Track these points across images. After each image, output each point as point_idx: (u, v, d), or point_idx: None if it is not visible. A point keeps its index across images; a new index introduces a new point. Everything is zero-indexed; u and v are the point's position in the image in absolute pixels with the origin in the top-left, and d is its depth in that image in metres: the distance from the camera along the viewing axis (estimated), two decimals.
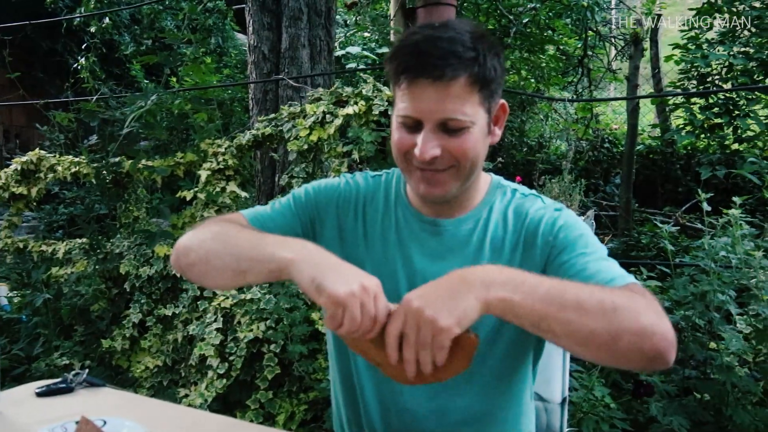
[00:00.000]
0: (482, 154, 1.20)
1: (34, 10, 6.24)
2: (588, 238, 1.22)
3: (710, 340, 2.33)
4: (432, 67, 1.11)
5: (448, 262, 1.27)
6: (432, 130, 1.14)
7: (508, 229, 1.28)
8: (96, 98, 3.50)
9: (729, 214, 2.14)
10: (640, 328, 0.97)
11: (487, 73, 1.14)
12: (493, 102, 1.20)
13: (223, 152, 3.21)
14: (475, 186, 1.30)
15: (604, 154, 6.93)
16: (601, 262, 1.15)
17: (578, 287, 1.01)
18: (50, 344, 3.29)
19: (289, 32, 4.09)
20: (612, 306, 0.97)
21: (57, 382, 1.44)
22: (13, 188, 3.62)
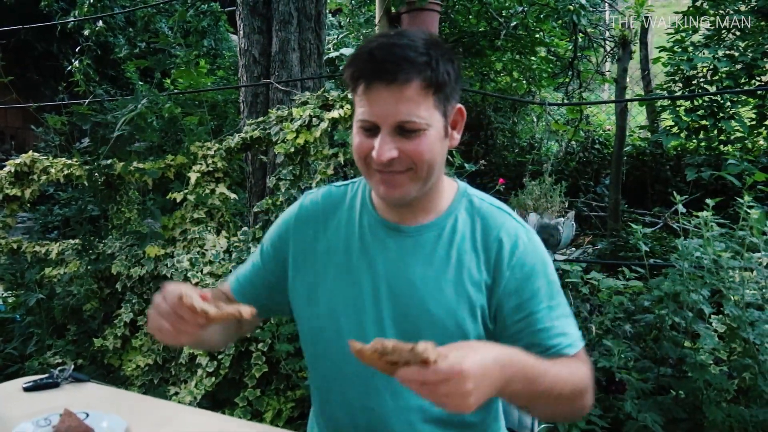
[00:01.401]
0: (440, 156, 1.25)
1: (28, 12, 6.29)
2: (552, 285, 1.31)
3: (685, 339, 2.39)
4: (385, 71, 1.16)
5: (411, 268, 1.32)
6: (389, 133, 1.19)
7: (478, 248, 1.32)
8: (88, 101, 3.54)
9: (699, 216, 2.20)
10: (588, 406, 1.25)
11: (440, 77, 1.19)
12: (449, 106, 1.25)
13: (212, 155, 3.27)
14: (438, 191, 1.34)
15: (595, 155, 6.99)
16: (562, 320, 1.28)
17: (560, 376, 1.17)
18: (43, 343, 3.34)
19: (279, 36, 4.15)
20: (579, 392, 1.21)
21: (44, 378, 1.50)
22: (7, 190, 3.67)
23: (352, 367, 1.29)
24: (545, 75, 6.87)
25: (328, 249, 1.40)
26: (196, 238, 3.23)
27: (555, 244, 2.63)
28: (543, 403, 1.17)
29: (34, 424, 1.23)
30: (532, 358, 1.13)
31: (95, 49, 6.37)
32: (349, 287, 1.35)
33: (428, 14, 3.00)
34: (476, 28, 6.24)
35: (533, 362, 1.12)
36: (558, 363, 1.20)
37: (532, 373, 1.11)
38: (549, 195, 2.70)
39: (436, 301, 1.29)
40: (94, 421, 1.24)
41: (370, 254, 1.35)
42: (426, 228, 1.34)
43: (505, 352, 1.08)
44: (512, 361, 1.09)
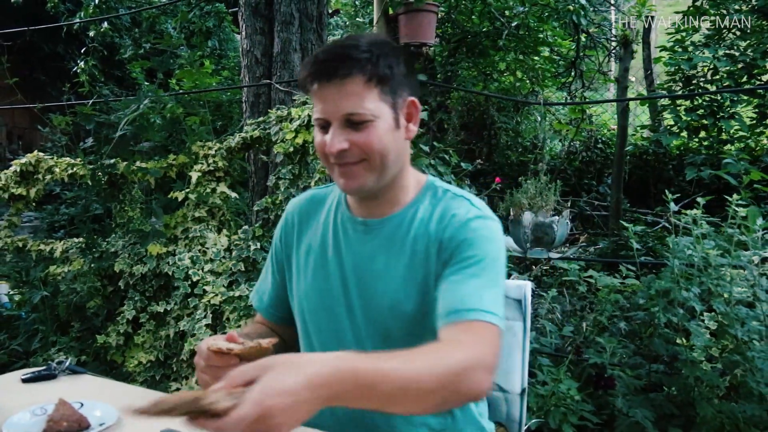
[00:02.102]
0: (393, 147, 1.32)
1: (35, 13, 6.35)
2: (486, 259, 1.29)
3: (677, 337, 2.42)
4: (327, 70, 1.26)
5: (374, 259, 1.40)
6: (339, 126, 1.28)
7: (431, 233, 1.37)
8: (92, 101, 3.59)
9: (688, 214, 2.23)
10: (463, 392, 1.10)
11: (380, 71, 1.28)
12: (397, 99, 1.32)
13: (213, 154, 3.31)
14: (403, 185, 1.41)
15: (597, 155, 7.01)
16: (480, 290, 1.23)
17: (419, 372, 1.04)
18: (47, 340, 3.39)
19: (281, 37, 4.20)
20: (447, 381, 1.06)
21: (42, 370, 1.56)
22: (13, 189, 3.72)
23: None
24: (548, 75, 6.89)
25: (308, 248, 1.50)
26: (198, 237, 3.28)
27: (549, 242, 2.66)
28: (401, 402, 1.05)
29: (30, 413, 1.28)
30: (369, 362, 1.03)
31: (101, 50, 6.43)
32: (324, 283, 1.44)
33: (425, 15, 3.04)
34: (479, 28, 6.27)
35: (369, 367, 1.02)
36: (424, 353, 1.10)
37: (369, 380, 1.01)
38: (544, 194, 2.73)
39: (395, 290, 1.36)
40: (88, 410, 1.29)
41: (340, 250, 1.44)
42: (388, 220, 1.41)
43: (323, 371, 0.98)
44: (334, 378, 0.98)
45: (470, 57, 6.78)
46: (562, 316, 3.05)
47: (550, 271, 4.38)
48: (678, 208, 2.34)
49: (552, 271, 4.37)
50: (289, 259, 1.55)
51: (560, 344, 2.74)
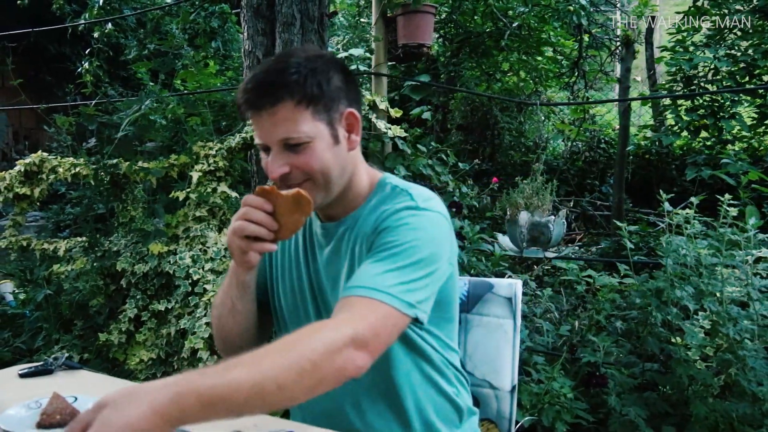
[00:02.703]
0: (335, 163, 1.33)
1: (40, 15, 6.41)
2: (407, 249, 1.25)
3: (671, 336, 2.43)
4: (255, 100, 1.28)
5: (329, 263, 1.44)
6: (278, 151, 1.30)
7: (367, 231, 1.37)
8: (95, 102, 3.64)
9: (680, 214, 2.25)
10: (335, 369, 1.08)
11: (309, 91, 1.28)
12: (333, 114, 1.33)
13: (213, 154, 3.35)
14: (354, 189, 1.42)
15: (600, 155, 7.02)
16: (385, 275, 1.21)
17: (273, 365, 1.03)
18: (51, 337, 3.44)
19: (283, 37, 4.22)
20: (310, 365, 1.05)
21: (38, 365, 1.59)
22: (17, 189, 3.76)
23: None
24: (551, 75, 6.90)
25: (283, 250, 1.54)
26: (198, 236, 3.31)
27: (545, 241, 2.69)
28: (264, 401, 1.03)
29: (25, 406, 1.31)
30: (212, 378, 1.00)
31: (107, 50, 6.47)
32: (296, 283, 1.50)
33: (423, 16, 3.07)
34: (482, 29, 6.29)
35: (213, 383, 0.99)
36: (270, 350, 1.07)
37: (216, 395, 0.99)
38: (540, 193, 2.75)
39: (335, 293, 1.41)
40: (81, 404, 1.32)
41: (307, 252, 1.49)
42: (341, 224, 1.44)
43: (164, 398, 0.96)
44: (176, 403, 0.97)
45: (473, 57, 6.79)
46: (559, 315, 3.07)
47: (551, 271, 4.40)
48: (672, 208, 2.36)
49: (554, 271, 4.39)
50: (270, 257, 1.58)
51: (557, 343, 2.76)
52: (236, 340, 1.48)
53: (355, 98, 1.40)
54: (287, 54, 1.35)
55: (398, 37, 3.31)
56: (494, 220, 4.95)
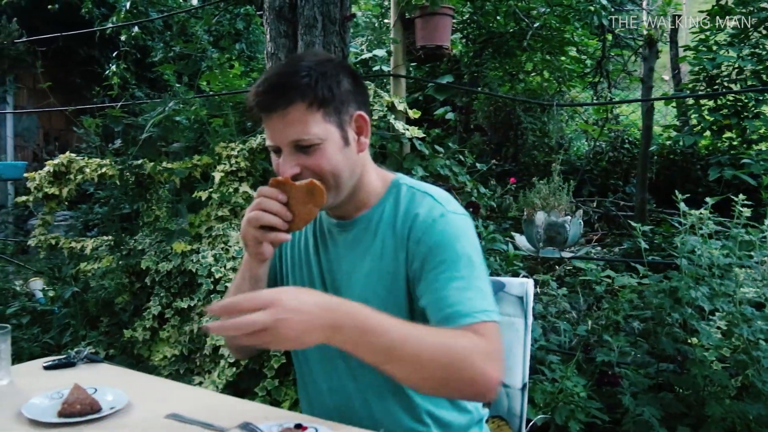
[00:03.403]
0: (346, 164, 1.37)
1: (71, 19, 6.55)
2: (461, 258, 1.33)
3: (687, 336, 2.43)
4: (267, 103, 1.31)
5: (345, 259, 1.47)
6: (289, 152, 1.33)
7: (396, 233, 1.41)
8: (121, 104, 3.72)
9: (692, 214, 2.25)
10: (467, 377, 1.17)
11: (321, 94, 1.32)
12: (343, 116, 1.37)
13: (235, 155, 3.41)
14: (365, 189, 1.46)
15: (624, 155, 6.97)
16: (464, 292, 1.28)
17: (420, 338, 1.16)
18: (78, 334, 3.53)
19: (305, 39, 4.27)
20: (448, 360, 1.16)
21: (62, 358, 1.66)
22: (46, 189, 3.87)
23: (317, 351, 1.44)
24: (575, 75, 6.87)
25: (293, 245, 1.58)
26: (221, 235, 3.38)
27: (562, 241, 2.70)
28: (397, 361, 1.15)
29: (48, 396, 1.38)
30: (374, 312, 1.16)
31: (134, 53, 6.58)
32: (306, 279, 1.53)
33: (441, 18, 3.10)
34: (505, 29, 6.29)
35: (373, 314, 1.15)
36: (426, 327, 1.22)
37: (369, 324, 1.14)
38: (557, 194, 2.77)
39: (363, 289, 1.42)
40: (100, 395, 1.38)
41: (318, 249, 1.52)
42: (357, 222, 1.47)
43: (329, 300, 1.15)
44: (342, 306, 1.14)
45: (496, 57, 6.79)
46: (578, 315, 3.08)
47: (573, 272, 4.40)
48: (687, 209, 2.36)
49: (575, 272, 4.38)
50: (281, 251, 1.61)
51: (574, 342, 2.77)
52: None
53: (364, 101, 1.43)
54: (297, 58, 1.41)
55: (416, 39, 3.34)
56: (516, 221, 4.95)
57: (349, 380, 1.45)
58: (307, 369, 1.54)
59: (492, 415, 1.83)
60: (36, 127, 8.40)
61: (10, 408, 1.35)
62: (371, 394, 1.45)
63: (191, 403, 1.37)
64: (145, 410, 1.35)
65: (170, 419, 1.29)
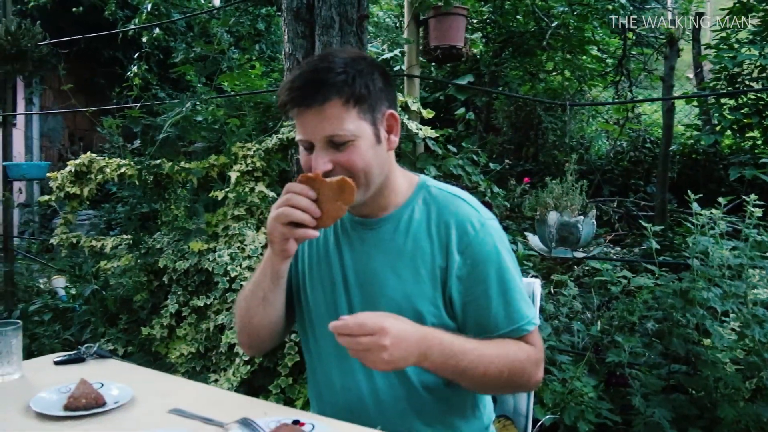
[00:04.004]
0: (376, 162, 1.38)
1: (95, 20, 6.66)
2: (504, 271, 1.41)
3: (699, 337, 2.41)
4: (304, 97, 1.32)
5: (373, 258, 1.47)
6: (322, 148, 1.34)
7: (432, 234, 1.43)
8: (140, 105, 3.78)
9: (703, 214, 2.23)
10: (520, 384, 1.43)
11: (357, 91, 1.33)
12: (376, 114, 1.38)
13: (251, 155, 3.44)
14: (392, 188, 1.47)
15: (646, 154, 6.91)
16: (512, 304, 1.40)
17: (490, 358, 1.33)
18: (97, 331, 3.59)
19: (322, 40, 4.29)
20: (507, 372, 1.35)
21: (72, 354, 1.70)
22: (68, 188, 3.94)
23: (332, 348, 1.43)
24: (595, 74, 6.83)
25: (312, 242, 1.57)
26: (237, 234, 3.41)
27: (574, 241, 2.69)
28: (468, 378, 1.33)
29: (56, 391, 1.41)
30: (453, 337, 1.30)
31: (157, 54, 6.66)
32: (326, 277, 1.52)
33: (454, 18, 3.10)
34: (525, 28, 6.27)
35: (454, 340, 1.30)
36: (489, 343, 1.35)
37: (452, 350, 1.28)
38: (570, 194, 2.76)
39: (393, 287, 1.43)
40: (106, 389, 1.41)
41: (341, 247, 1.52)
42: (385, 221, 1.48)
43: (422, 329, 1.29)
44: (431, 335, 1.27)
45: (516, 57, 6.77)
46: (592, 315, 3.07)
47: (592, 272, 4.38)
48: (700, 209, 2.34)
49: (594, 272, 4.36)
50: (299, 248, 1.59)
51: (585, 342, 2.76)
52: (262, 332, 1.54)
53: (394, 100, 1.46)
54: (331, 54, 1.41)
55: (430, 39, 3.35)
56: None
57: (364, 380, 1.46)
58: (321, 366, 1.54)
59: (498, 414, 1.83)
60: (61, 127, 8.55)
61: (19, 401, 1.38)
62: (385, 395, 1.46)
63: (194, 399, 1.40)
64: (148, 405, 1.38)
65: (172, 414, 1.31)
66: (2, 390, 1.50)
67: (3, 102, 5.20)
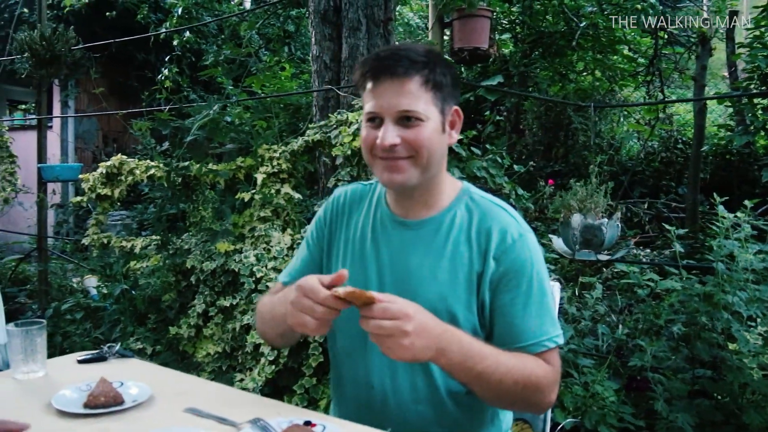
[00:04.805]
0: (438, 148, 1.42)
1: (128, 24, 6.79)
2: (535, 284, 1.41)
3: (726, 342, 2.37)
4: (389, 67, 1.36)
5: (411, 257, 1.48)
6: (392, 122, 1.37)
7: (472, 241, 1.45)
8: (168, 108, 3.84)
9: (727, 217, 2.20)
10: (533, 402, 1.38)
11: (437, 77, 1.39)
12: (446, 105, 1.42)
13: (277, 157, 3.48)
14: (440, 189, 1.50)
15: (678, 155, 6.80)
16: (535, 320, 1.40)
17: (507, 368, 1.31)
18: (126, 330, 3.65)
19: (349, 42, 4.33)
20: (522, 385, 1.33)
21: (95, 353, 1.75)
22: (99, 189, 4.02)
23: (360, 345, 1.47)
24: (626, 74, 6.76)
25: (348, 238, 1.59)
26: (263, 235, 3.45)
27: (598, 244, 2.67)
28: (484, 385, 1.31)
29: (77, 389, 1.45)
30: (473, 339, 1.30)
31: (189, 56, 6.76)
32: (360, 273, 1.52)
33: (478, 20, 3.10)
34: (555, 28, 6.23)
35: (473, 342, 1.30)
36: (508, 353, 1.34)
37: (470, 351, 1.27)
38: (594, 196, 2.74)
39: (429, 288, 1.44)
40: (125, 388, 1.45)
41: (378, 244, 1.53)
42: (427, 222, 1.49)
43: (444, 324, 1.27)
44: (451, 332, 1.26)
45: (546, 57, 6.72)
46: (617, 318, 3.04)
47: (620, 274, 4.33)
48: (725, 211, 2.31)
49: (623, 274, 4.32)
50: (330, 242, 1.63)
51: (611, 346, 2.73)
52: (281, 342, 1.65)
53: (458, 98, 1.50)
54: (409, 44, 1.51)
55: (454, 41, 3.35)
56: None
57: (389, 379, 1.48)
58: (348, 362, 1.56)
59: (515, 417, 1.83)
60: (95, 129, 8.73)
61: (42, 398, 1.43)
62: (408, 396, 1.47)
63: (210, 398, 1.43)
64: (165, 404, 1.42)
65: (188, 413, 1.34)
66: (27, 387, 1.55)
67: (38, 105, 5.32)
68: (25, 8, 6.51)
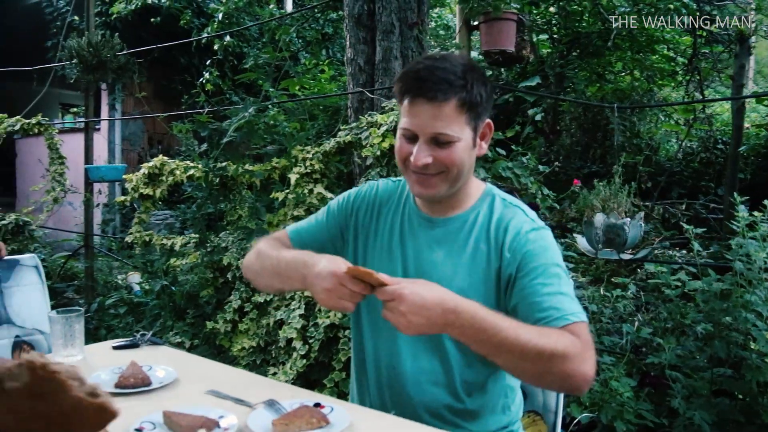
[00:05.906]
0: (468, 163, 1.49)
1: (172, 29, 7.00)
2: (550, 267, 1.45)
3: (746, 340, 2.39)
4: (428, 90, 1.41)
5: (435, 252, 1.57)
6: (425, 142, 1.44)
7: (491, 238, 1.53)
8: (207, 110, 3.99)
9: (743, 216, 2.21)
10: (564, 372, 1.30)
11: (473, 98, 1.44)
12: (479, 122, 1.49)
13: (310, 158, 3.59)
14: (466, 191, 1.58)
15: (717, 155, 6.71)
16: (556, 296, 1.41)
17: (525, 336, 1.29)
18: (166, 324, 3.81)
19: (383, 45, 4.42)
20: (548, 355, 1.29)
21: (129, 340, 1.88)
22: (142, 189, 4.19)
23: (385, 329, 1.54)
24: (665, 73, 6.70)
25: (377, 231, 1.67)
26: None
27: (621, 243, 2.70)
28: (506, 356, 1.31)
29: (110, 371, 1.59)
30: (489, 312, 1.31)
31: (231, 60, 6.94)
32: (386, 264, 1.62)
33: (504, 23, 3.15)
34: (591, 28, 6.22)
35: (488, 314, 1.30)
36: (532, 326, 1.35)
37: (484, 323, 1.29)
38: (617, 195, 2.77)
39: (450, 282, 1.50)
40: (153, 372, 1.58)
41: (404, 239, 1.62)
42: (451, 220, 1.58)
43: (453, 299, 1.30)
44: (462, 306, 1.29)
45: (583, 58, 6.71)
46: (642, 317, 3.06)
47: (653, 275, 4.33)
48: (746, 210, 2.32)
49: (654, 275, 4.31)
50: (355, 230, 1.69)
51: (634, 344, 2.76)
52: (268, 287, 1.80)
53: (491, 110, 1.56)
54: (449, 57, 1.52)
55: (481, 44, 3.41)
56: None
57: (410, 360, 1.56)
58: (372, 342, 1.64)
59: (527, 409, 1.88)
60: (141, 131, 9.01)
61: None
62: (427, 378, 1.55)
63: (231, 382, 1.54)
64: (189, 386, 1.54)
65: (209, 395, 1.45)
66: None
67: (86, 109, 5.55)
68: (76, 16, 6.77)
